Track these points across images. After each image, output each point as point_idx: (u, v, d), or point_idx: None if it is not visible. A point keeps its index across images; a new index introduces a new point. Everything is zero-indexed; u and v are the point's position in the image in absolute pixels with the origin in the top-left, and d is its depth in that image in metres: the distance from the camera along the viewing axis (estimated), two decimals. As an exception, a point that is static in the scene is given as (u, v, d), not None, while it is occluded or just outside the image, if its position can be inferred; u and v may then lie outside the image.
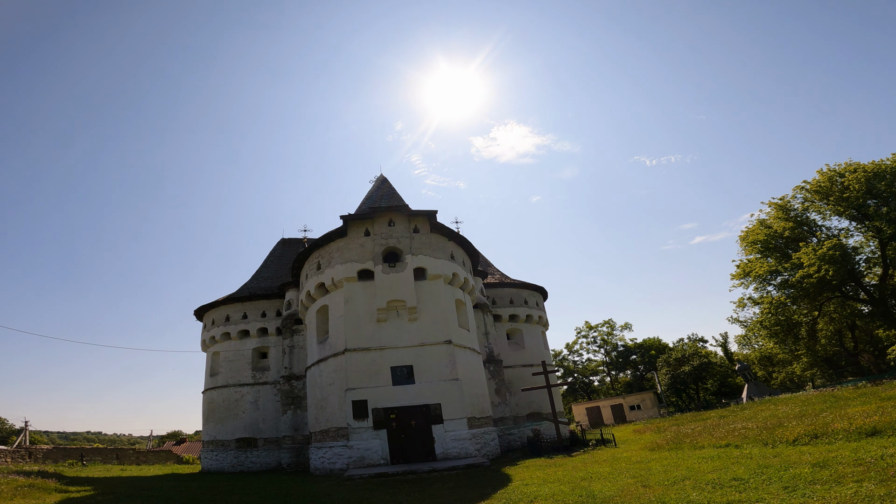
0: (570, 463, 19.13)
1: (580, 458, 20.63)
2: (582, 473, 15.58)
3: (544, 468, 18.44)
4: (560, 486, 13.84)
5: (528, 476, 16.77)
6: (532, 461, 21.66)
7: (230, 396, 31.68)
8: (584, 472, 15.91)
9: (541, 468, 18.57)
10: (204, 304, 34.63)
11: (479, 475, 18.53)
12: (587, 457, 20.59)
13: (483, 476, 18.11)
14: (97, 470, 34.07)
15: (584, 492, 12.46)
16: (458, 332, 26.68)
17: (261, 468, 29.78)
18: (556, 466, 18.49)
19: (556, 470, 17.45)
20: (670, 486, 11.56)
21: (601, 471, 15.66)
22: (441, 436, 23.46)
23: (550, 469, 17.89)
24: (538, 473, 17.13)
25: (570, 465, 18.18)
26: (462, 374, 25.09)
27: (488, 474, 18.49)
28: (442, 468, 20.81)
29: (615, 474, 14.60)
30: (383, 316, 25.14)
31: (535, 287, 38.87)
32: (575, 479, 14.77)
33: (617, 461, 17.60)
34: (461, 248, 29.69)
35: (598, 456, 20.22)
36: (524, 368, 35.61)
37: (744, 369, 49.49)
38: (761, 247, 40.64)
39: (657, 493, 11.04)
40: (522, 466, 19.98)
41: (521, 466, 20.05)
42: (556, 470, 17.45)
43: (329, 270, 26.56)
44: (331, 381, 25.11)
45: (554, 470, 17.51)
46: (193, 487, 21.29)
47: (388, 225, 26.97)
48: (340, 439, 23.70)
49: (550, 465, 19.04)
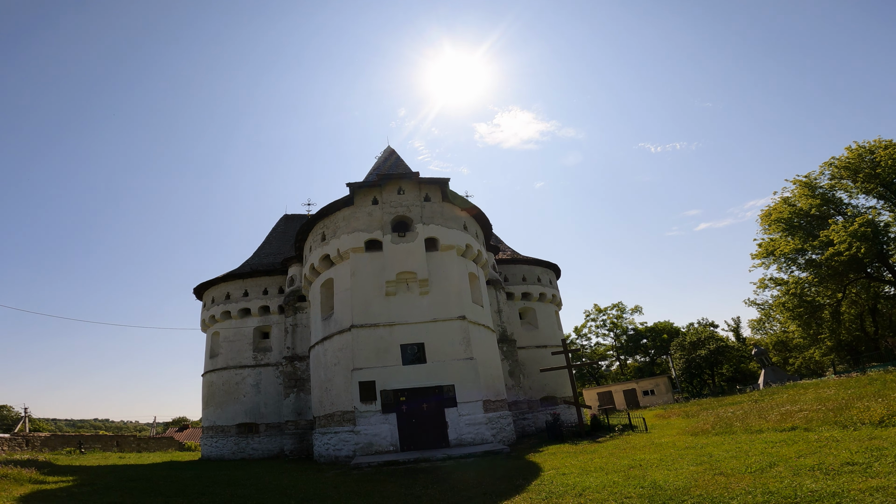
0: (602, 450, 16.63)
1: (610, 444, 18.13)
2: (627, 461, 13.10)
3: (574, 455, 15.97)
4: (607, 475, 11.37)
5: (559, 464, 14.32)
6: (555, 447, 19.20)
7: (230, 379, 29.27)
8: (628, 459, 13.43)
9: (570, 455, 16.10)
10: (204, 280, 32.08)
11: (500, 463, 16.10)
12: (618, 443, 18.09)
13: (506, 464, 15.67)
14: (94, 458, 31.82)
15: (642, 482, 10.04)
16: (472, 307, 24.18)
17: (262, 455, 27.42)
18: (588, 453, 16.01)
19: (589, 457, 14.98)
20: (759, 474, 9.22)
21: (648, 458, 13.20)
22: (455, 420, 21.03)
23: (582, 456, 15.41)
24: (570, 461, 14.66)
25: (605, 452, 15.68)
26: (477, 353, 22.63)
27: (511, 462, 16.04)
28: (457, 455, 18.42)
29: (669, 461, 12.14)
30: (392, 289, 22.63)
31: (548, 264, 36.27)
32: (620, 467, 12.31)
33: (661, 447, 15.10)
34: (474, 218, 27.11)
35: (631, 442, 17.71)
36: (538, 350, 33.15)
37: (760, 354, 46.96)
38: (785, 225, 37.96)
39: (746, 481, 8.67)
40: (547, 453, 17.52)
41: (545, 453, 17.58)
42: (589, 457, 14.98)
43: (334, 241, 24.06)
44: (336, 360, 22.65)
45: (587, 457, 15.03)
46: (186, 477, 18.91)
47: (397, 193, 24.44)
48: (346, 424, 21.29)
49: (580, 452, 16.56)
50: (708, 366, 56.42)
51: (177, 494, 13.90)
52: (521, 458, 17.06)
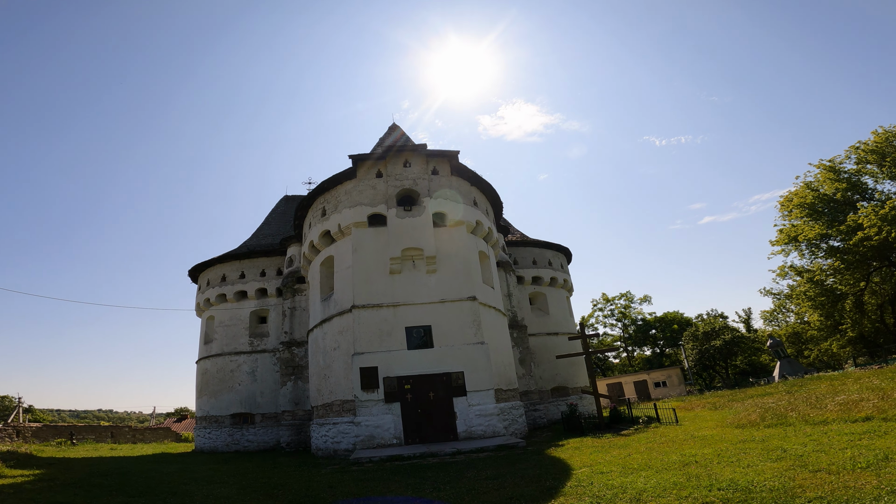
0: (634, 444, 14.26)
1: (640, 437, 15.75)
2: (675, 457, 10.75)
3: (604, 450, 13.62)
4: (659, 474, 9.06)
5: (589, 461, 11.98)
6: (577, 441, 16.86)
7: (225, 366, 26.98)
8: (676, 454, 11.08)
9: (599, 450, 13.75)
10: (199, 262, 29.72)
11: (518, 459, 13.77)
12: (649, 436, 15.71)
13: (526, 461, 13.34)
14: (82, 450, 29.69)
15: (714, 482, 7.82)
16: (483, 288, 21.83)
17: (258, 447, 25.15)
18: (619, 448, 13.67)
19: (623, 453, 12.64)
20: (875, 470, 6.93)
21: (700, 453, 10.88)
22: (464, 410, 18.72)
23: (615, 451, 13.07)
24: (602, 457, 12.32)
25: (640, 447, 13.33)
26: (488, 337, 20.31)
27: (532, 458, 13.70)
28: (468, 450, 16.15)
29: (731, 457, 9.83)
30: (397, 266, 20.28)
31: (559, 247, 33.80)
32: (671, 464, 9.99)
33: (707, 441, 12.74)
34: (484, 195, 24.73)
35: (666, 435, 15.32)
36: (549, 337, 30.75)
37: (775, 346, 44.43)
38: (809, 210, 35.44)
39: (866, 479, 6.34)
40: (570, 448, 15.18)
41: (567, 448, 15.24)
42: (623, 453, 12.64)
43: (335, 216, 21.73)
44: (335, 344, 20.34)
45: (621, 453, 12.69)
46: (167, 472, 16.66)
47: (403, 166, 22.09)
48: (346, 414, 19.01)
49: (608, 447, 14.20)
50: (721, 357, 53.67)
51: (143, 493, 11.63)
52: (541, 453, 14.73)
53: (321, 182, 22.75)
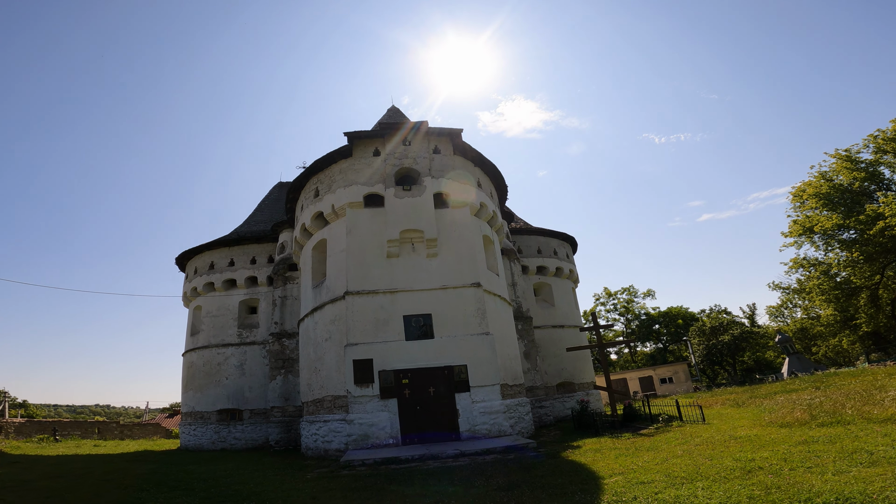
0: (664, 445, 12.24)
1: (666, 438, 13.68)
2: (728, 462, 8.77)
3: (631, 453, 11.60)
4: (719, 484, 7.09)
5: (619, 467, 9.98)
6: (593, 441, 14.83)
7: (212, 359, 24.89)
8: (726, 459, 9.04)
9: (625, 453, 11.73)
10: (187, 249, 27.58)
11: (532, 464, 11.75)
12: (676, 436, 13.67)
13: (541, 465, 11.32)
14: (63, 446, 27.62)
15: (809, 494, 5.68)
16: (488, 275, 19.79)
17: (245, 445, 23.08)
18: (648, 451, 11.65)
19: (655, 456, 10.64)
20: None
21: (756, 457, 8.86)
22: (467, 407, 16.70)
23: (646, 455, 11.05)
24: (632, 462, 10.32)
25: (674, 449, 11.30)
26: (493, 327, 18.24)
27: (548, 463, 11.68)
28: (473, 451, 14.13)
29: (801, 462, 7.80)
30: (395, 250, 18.23)
31: (564, 236, 31.66)
32: (728, 470, 8.00)
33: (757, 443, 10.69)
34: (488, 177, 22.68)
35: (698, 435, 13.24)
36: (554, 329, 28.63)
37: (784, 341, 42.54)
38: (824, 200, 33.39)
39: None
40: (588, 450, 13.16)
41: (586, 450, 13.22)
42: (655, 456, 10.64)
43: (329, 196, 19.70)
44: (327, 335, 18.28)
45: (653, 456, 10.69)
46: (136, 474, 14.58)
47: (402, 144, 20.07)
48: (338, 411, 16.98)
49: (635, 449, 12.18)
50: (729, 353, 51.47)
51: (85, 502, 9.52)
52: (556, 456, 12.69)
53: (315, 161, 20.70)
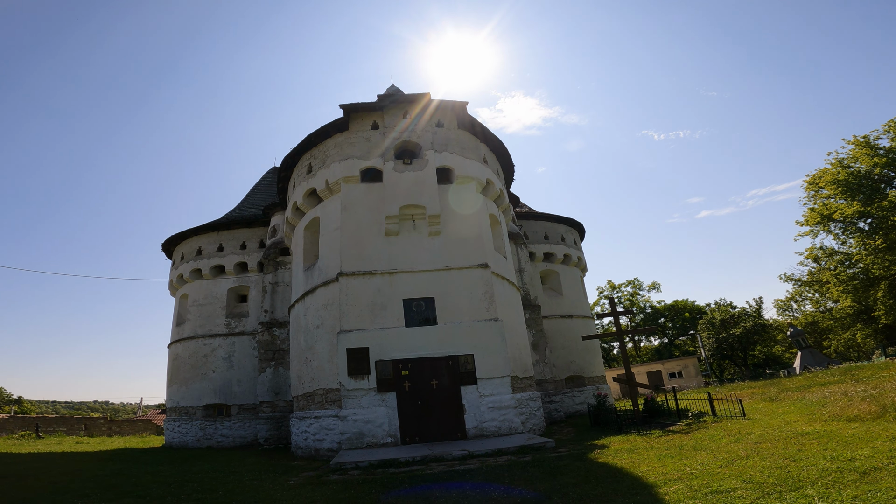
0: (712, 445, 10.11)
1: (710, 435, 11.51)
2: (822, 462, 6.51)
3: (674, 453, 9.49)
4: (836, 490, 4.80)
5: (668, 470, 7.92)
6: (619, 439, 12.72)
7: (198, 351, 22.73)
8: (819, 458, 6.82)
9: (666, 453, 9.61)
10: (174, 233, 25.38)
11: (556, 467, 9.64)
12: (722, 433, 11.49)
13: (568, 470, 9.23)
14: (44, 443, 25.59)
15: None
16: (495, 256, 17.67)
17: (233, 443, 20.95)
18: (696, 450, 9.55)
19: (708, 457, 8.53)
20: None
21: (857, 455, 6.61)
22: (474, 402, 14.58)
23: (696, 455, 8.93)
24: (682, 465, 8.22)
25: (736, 448, 9.19)
26: (502, 314, 16.10)
27: (575, 466, 9.56)
28: (482, 452, 12.05)
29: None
30: (394, 227, 16.09)
31: (572, 222, 29.47)
32: (831, 472, 5.73)
33: (835, 439, 8.46)
34: (494, 155, 20.53)
35: (749, 432, 11.08)
36: (562, 320, 26.50)
37: (797, 335, 40.36)
38: (843, 187, 31.25)
39: None
40: (619, 450, 11.04)
41: (617, 450, 11.11)
42: (708, 457, 8.53)
43: (322, 172, 17.57)
44: (319, 321, 16.13)
45: (705, 457, 8.58)
46: (95, 474, 12.47)
47: (402, 117, 17.89)
48: (330, 406, 14.85)
49: (677, 448, 10.05)
50: (741, 347, 49.21)
51: None
52: (583, 457, 10.54)
53: (308, 135, 18.53)
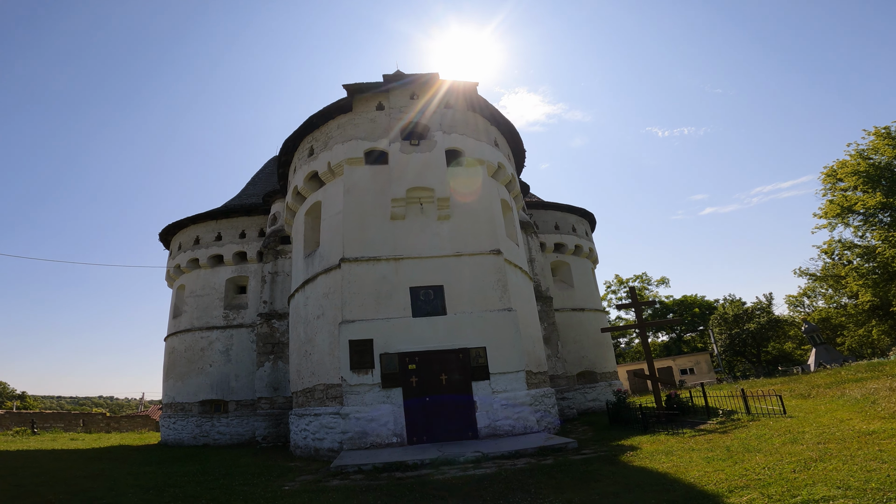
0: (765, 445, 8.81)
1: (756, 434, 10.15)
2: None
3: (729, 457, 8.21)
4: None
5: (733, 476, 6.73)
6: (648, 439, 11.42)
7: (195, 344, 21.49)
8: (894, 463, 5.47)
9: (718, 457, 8.32)
10: (171, 222, 24.09)
11: (586, 473, 8.35)
12: (766, 432, 10.14)
13: (601, 475, 7.97)
14: (37, 440, 24.55)
15: None
16: (507, 243, 16.39)
17: (230, 441, 19.72)
18: (752, 452, 8.29)
19: (778, 460, 7.31)
20: None
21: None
22: (486, 399, 13.28)
23: (756, 459, 7.66)
24: (744, 469, 6.99)
25: (799, 451, 7.84)
26: (515, 303, 14.77)
27: (606, 471, 8.29)
28: (497, 454, 10.79)
29: None
30: (400, 210, 14.79)
31: (583, 212, 28.04)
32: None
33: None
34: (505, 139, 19.19)
35: (801, 430, 9.71)
36: (573, 313, 25.15)
37: (811, 331, 38.91)
38: (863, 178, 29.82)
39: None
40: (655, 452, 9.75)
41: (651, 452, 9.82)
42: (778, 460, 7.31)
43: (325, 154, 16.27)
44: (319, 311, 14.85)
45: (774, 460, 7.33)
46: (72, 476, 11.21)
47: (409, 98, 16.55)
48: (331, 403, 13.58)
49: (730, 451, 8.74)
50: (754, 343, 47.70)
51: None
52: (614, 461, 9.23)
53: (309, 117, 17.22)
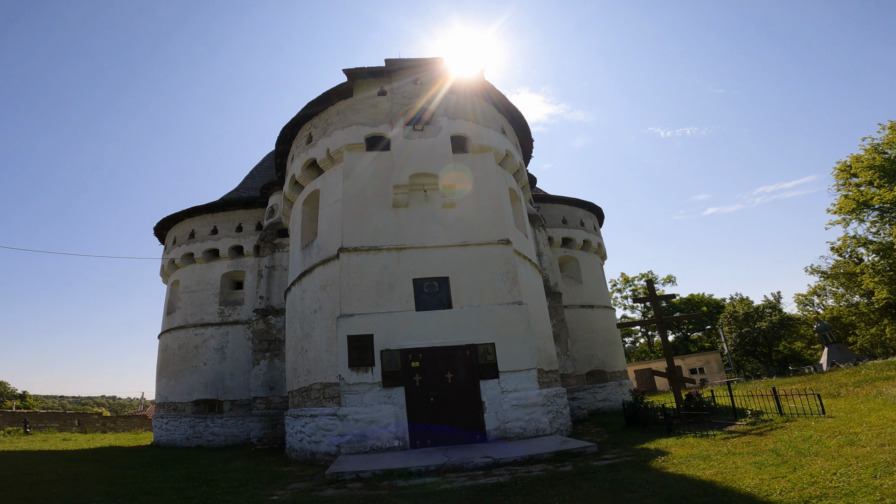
0: (816, 448, 7.68)
1: (800, 436, 9.00)
2: None
3: (781, 464, 6.99)
4: None
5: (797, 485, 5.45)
6: (675, 442, 10.34)
7: (188, 341, 20.45)
8: None
9: (768, 463, 7.15)
10: (166, 215, 23.03)
11: (616, 482, 7.29)
12: (809, 433, 8.98)
13: (635, 485, 7.00)
14: (27, 440, 23.49)
15: None
16: (517, 233, 15.33)
17: (224, 442, 18.66)
18: (806, 456, 7.12)
19: (836, 467, 6.05)
20: None
21: None
22: (495, 399, 12.17)
23: (816, 464, 6.45)
24: (809, 477, 5.87)
25: (868, 454, 6.61)
26: (525, 297, 13.67)
27: (640, 480, 7.25)
28: (509, 460, 9.73)
29: None
30: (403, 198, 13.71)
31: (591, 206, 26.87)
32: None
33: None
34: (512, 127, 18.08)
35: (850, 432, 8.53)
36: (582, 310, 24.03)
37: (823, 330, 37.71)
38: (879, 172, 28.68)
39: None
40: (690, 457, 8.68)
41: (684, 457, 8.75)
42: (836, 467, 6.05)
43: (324, 141, 15.21)
44: (317, 305, 13.78)
45: (831, 466, 6.17)
46: (45, 479, 10.13)
47: (412, 84, 15.44)
48: (328, 403, 12.50)
49: (779, 455, 7.60)
50: (765, 342, 46.42)
51: None
52: (644, 467, 8.14)
53: (307, 103, 16.10)
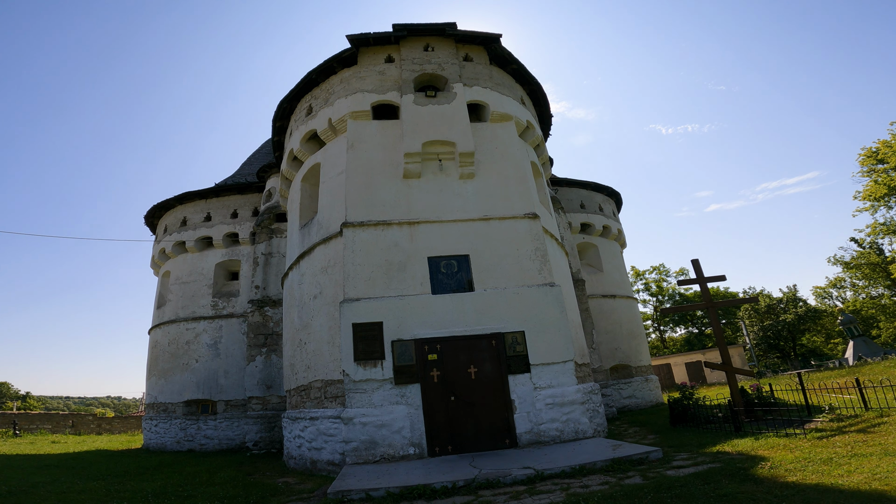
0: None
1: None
2: None
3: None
4: None
5: None
6: (759, 444, 8.46)
7: (179, 336, 18.46)
8: None
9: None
10: (156, 203, 20.98)
11: (721, 499, 5.05)
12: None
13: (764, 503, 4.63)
14: (14, 443, 21.72)
15: None
16: (542, 209, 13.28)
17: (218, 446, 16.66)
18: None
19: None
20: None
21: None
22: (527, 396, 10.16)
23: None
24: None
25: None
26: (557, 279, 11.62)
27: (756, 495, 5.03)
28: (555, 471, 7.72)
29: None
30: (415, 167, 11.71)
31: (610, 191, 24.71)
32: None
33: None
34: (531, 100, 15.97)
35: None
36: (604, 300, 21.95)
37: (848, 322, 35.53)
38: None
39: None
40: (804, 461, 6.68)
41: (791, 461, 6.77)
42: None
43: (325, 111, 13.18)
44: (317, 289, 11.76)
45: None
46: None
47: (423, 50, 13.45)
48: (331, 404, 10.48)
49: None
50: (790, 335, 44.19)
51: None
52: (750, 475, 6.06)
53: (308, 73, 14.03)
